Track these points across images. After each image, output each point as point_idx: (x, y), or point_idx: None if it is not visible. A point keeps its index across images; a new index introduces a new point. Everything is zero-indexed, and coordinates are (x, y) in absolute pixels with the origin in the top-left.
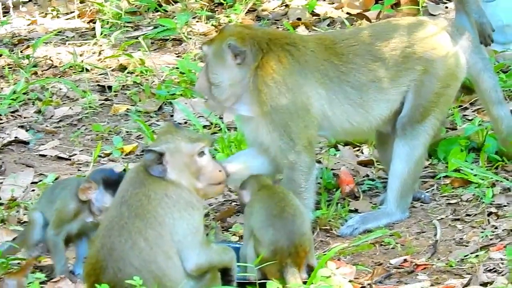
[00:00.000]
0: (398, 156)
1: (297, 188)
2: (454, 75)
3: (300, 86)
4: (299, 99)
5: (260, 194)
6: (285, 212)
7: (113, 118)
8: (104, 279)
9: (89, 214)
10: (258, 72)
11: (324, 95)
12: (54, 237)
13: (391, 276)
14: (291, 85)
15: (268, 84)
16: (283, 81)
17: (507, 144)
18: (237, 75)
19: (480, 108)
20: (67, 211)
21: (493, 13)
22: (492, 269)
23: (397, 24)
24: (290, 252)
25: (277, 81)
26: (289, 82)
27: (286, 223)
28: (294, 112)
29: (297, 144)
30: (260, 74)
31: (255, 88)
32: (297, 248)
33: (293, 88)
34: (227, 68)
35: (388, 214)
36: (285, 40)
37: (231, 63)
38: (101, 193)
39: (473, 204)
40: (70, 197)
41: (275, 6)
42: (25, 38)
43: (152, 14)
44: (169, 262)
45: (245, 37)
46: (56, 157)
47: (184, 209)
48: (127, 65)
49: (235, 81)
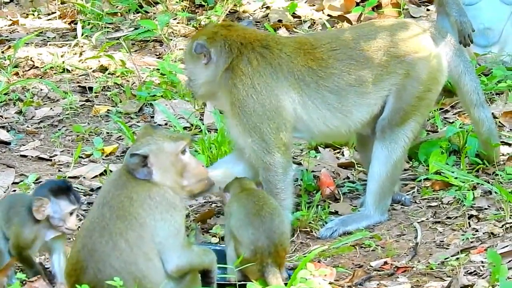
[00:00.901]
0: (377, 158)
1: (273, 189)
2: (436, 78)
3: (271, 89)
4: (267, 101)
5: (240, 196)
6: (263, 210)
7: (94, 119)
8: (85, 280)
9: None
10: (228, 73)
11: (298, 99)
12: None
13: (371, 278)
14: (259, 88)
15: (237, 85)
16: (251, 83)
17: (488, 147)
18: (206, 74)
19: (461, 111)
20: (24, 238)
21: (475, 16)
22: (472, 272)
23: (379, 27)
24: (270, 251)
25: (245, 83)
26: (258, 84)
27: (265, 221)
28: (262, 114)
29: (269, 145)
30: (230, 75)
31: (226, 89)
32: (277, 247)
33: (261, 91)
34: (197, 67)
35: (367, 217)
36: (259, 43)
37: (200, 62)
38: (55, 204)
39: (454, 207)
40: (24, 223)
41: (256, 8)
42: (6, 38)
43: (133, 15)
44: (150, 263)
45: (217, 38)
46: (37, 157)
47: (166, 211)
48: (108, 66)
49: (205, 80)
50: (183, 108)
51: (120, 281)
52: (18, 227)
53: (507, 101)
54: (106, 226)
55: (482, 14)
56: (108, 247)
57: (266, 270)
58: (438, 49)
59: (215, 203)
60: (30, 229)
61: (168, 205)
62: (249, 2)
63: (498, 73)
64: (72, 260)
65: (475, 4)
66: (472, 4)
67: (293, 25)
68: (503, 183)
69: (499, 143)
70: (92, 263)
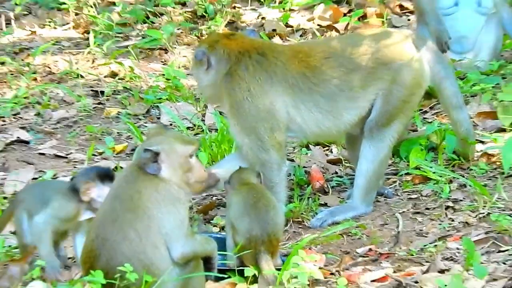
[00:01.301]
0: (364, 156)
1: (268, 183)
2: (419, 83)
3: (265, 93)
4: (261, 104)
5: (239, 189)
6: (260, 203)
7: (105, 120)
8: (98, 266)
9: (86, 212)
10: (228, 78)
11: (291, 102)
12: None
13: (357, 264)
14: (255, 92)
15: (235, 89)
16: (247, 87)
17: (465, 145)
18: (208, 79)
19: (439, 111)
20: (65, 212)
21: (451, 25)
22: (449, 258)
23: (366, 36)
24: (263, 240)
25: (242, 87)
26: (254, 88)
27: (260, 213)
28: (257, 116)
29: (265, 143)
30: (229, 80)
31: (225, 92)
32: (270, 237)
33: (256, 94)
34: (199, 72)
35: (354, 208)
36: (256, 51)
37: (202, 68)
38: (100, 188)
39: (432, 199)
40: (67, 199)
41: (252, 18)
42: (25, 47)
43: (141, 26)
44: (157, 251)
45: (217, 46)
46: (54, 155)
47: (171, 204)
48: (118, 72)
49: (207, 83)
50: (186, 110)
51: (130, 267)
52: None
53: (481, 102)
54: (117, 218)
55: (458, 24)
56: (119, 236)
57: (259, 257)
58: (420, 56)
59: (216, 196)
60: (71, 207)
61: (173, 199)
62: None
63: (472, 77)
64: (87, 249)
65: (452, 14)
66: (449, 14)
67: (286, 34)
68: (477, 177)
69: (476, 141)
70: (105, 251)
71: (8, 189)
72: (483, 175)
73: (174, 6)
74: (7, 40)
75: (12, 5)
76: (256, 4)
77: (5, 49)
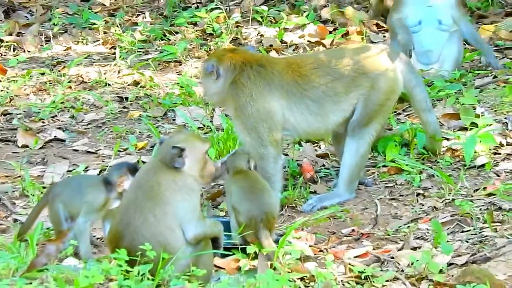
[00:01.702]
0: (348, 151)
1: (265, 174)
2: (394, 90)
3: (264, 97)
4: (262, 107)
5: (236, 177)
6: (256, 188)
7: (129, 122)
8: (122, 246)
9: (116, 201)
10: (233, 86)
11: (286, 105)
12: (83, 225)
13: (342, 242)
14: (256, 97)
15: (239, 95)
16: (249, 93)
17: (433, 142)
18: (217, 86)
19: (410, 113)
20: (98, 203)
21: (418, 41)
22: (420, 237)
23: (348, 50)
24: (262, 218)
25: (245, 93)
26: (255, 94)
27: (257, 196)
28: (257, 117)
29: (263, 141)
30: (234, 87)
31: (231, 98)
32: (267, 215)
33: (257, 99)
34: (209, 82)
35: (339, 195)
36: (256, 63)
37: (211, 78)
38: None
39: (405, 187)
40: (99, 192)
41: (253, 35)
42: (62, 60)
43: (159, 42)
44: (172, 233)
45: (224, 59)
46: (86, 151)
47: (186, 193)
48: (140, 81)
49: (215, 91)
50: (197, 112)
51: (149, 246)
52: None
53: (446, 106)
54: (139, 205)
55: (424, 40)
56: (140, 221)
57: (259, 233)
58: (394, 67)
59: (222, 185)
60: (103, 197)
61: (188, 189)
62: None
63: (438, 84)
64: (112, 231)
65: (418, 32)
66: (415, 32)
67: (281, 48)
68: (443, 168)
69: (442, 138)
70: (128, 233)
71: (47, 180)
72: (448, 167)
73: (187, 26)
74: (46, 55)
75: (51, 25)
76: (256, 24)
77: (45, 62)
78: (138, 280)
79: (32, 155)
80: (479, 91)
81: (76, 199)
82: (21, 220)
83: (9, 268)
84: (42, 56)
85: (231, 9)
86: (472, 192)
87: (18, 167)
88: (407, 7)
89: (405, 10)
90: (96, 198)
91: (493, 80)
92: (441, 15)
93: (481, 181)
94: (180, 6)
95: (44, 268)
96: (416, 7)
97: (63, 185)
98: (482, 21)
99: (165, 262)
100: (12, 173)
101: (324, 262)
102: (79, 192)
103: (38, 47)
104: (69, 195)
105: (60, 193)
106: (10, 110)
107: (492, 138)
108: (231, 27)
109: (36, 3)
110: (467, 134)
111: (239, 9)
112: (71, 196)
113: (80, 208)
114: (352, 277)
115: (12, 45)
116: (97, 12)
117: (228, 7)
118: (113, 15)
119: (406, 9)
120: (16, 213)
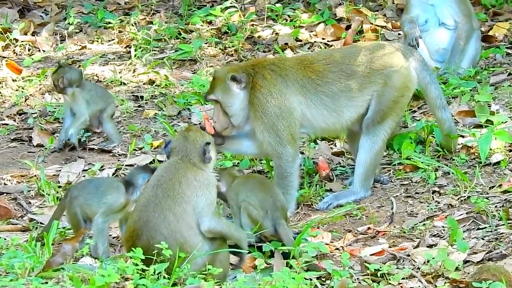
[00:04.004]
0: (363, 148)
1: (283, 173)
2: (408, 87)
3: (283, 94)
4: (282, 104)
5: (238, 181)
6: (263, 180)
7: (145, 121)
8: (139, 244)
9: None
10: (251, 90)
11: (303, 101)
12: (102, 225)
13: (358, 240)
14: (275, 94)
15: (258, 96)
16: (269, 92)
17: (448, 139)
18: (244, 97)
19: (425, 111)
20: (118, 205)
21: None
22: (436, 235)
23: (362, 47)
24: (276, 206)
25: (264, 93)
26: (274, 91)
27: (267, 187)
28: (279, 115)
29: (282, 139)
30: (252, 91)
31: (251, 102)
32: (281, 203)
33: (277, 96)
34: (236, 96)
35: (355, 193)
36: (266, 62)
37: (237, 90)
38: None
39: (421, 185)
40: (119, 194)
41: (268, 34)
42: (77, 59)
43: (174, 41)
44: (191, 231)
45: (236, 68)
46: (101, 150)
47: (206, 188)
48: (155, 80)
49: (244, 103)
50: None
51: (165, 245)
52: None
53: (461, 103)
54: (158, 203)
55: (435, 38)
56: (159, 219)
57: (277, 223)
58: (408, 64)
59: None
60: (123, 199)
61: (208, 184)
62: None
63: (453, 82)
64: (130, 229)
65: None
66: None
67: (296, 47)
68: (458, 166)
69: (457, 136)
70: (146, 231)
71: (62, 179)
72: (464, 164)
73: (202, 24)
74: (61, 54)
75: (66, 24)
76: (271, 21)
77: (60, 61)
78: (154, 279)
79: (47, 155)
80: (494, 89)
81: (94, 202)
82: (37, 219)
83: (25, 268)
84: (57, 55)
85: (246, 7)
86: (488, 189)
87: (34, 167)
88: (414, 7)
89: (413, 10)
90: (117, 200)
91: (508, 77)
92: (442, 14)
93: (497, 178)
94: (195, 5)
95: (60, 268)
96: (420, 6)
97: (81, 188)
98: (497, 18)
99: (181, 260)
100: (28, 172)
101: (340, 260)
102: (96, 194)
103: (53, 47)
104: (86, 198)
105: (77, 196)
106: (26, 110)
107: (507, 135)
108: (246, 25)
109: (51, 3)
110: (482, 132)
111: (254, 8)
112: (89, 199)
113: (98, 210)
114: (368, 274)
115: (27, 44)
116: (112, 11)
117: (243, 6)
118: (128, 14)
119: (414, 9)
120: (32, 212)
